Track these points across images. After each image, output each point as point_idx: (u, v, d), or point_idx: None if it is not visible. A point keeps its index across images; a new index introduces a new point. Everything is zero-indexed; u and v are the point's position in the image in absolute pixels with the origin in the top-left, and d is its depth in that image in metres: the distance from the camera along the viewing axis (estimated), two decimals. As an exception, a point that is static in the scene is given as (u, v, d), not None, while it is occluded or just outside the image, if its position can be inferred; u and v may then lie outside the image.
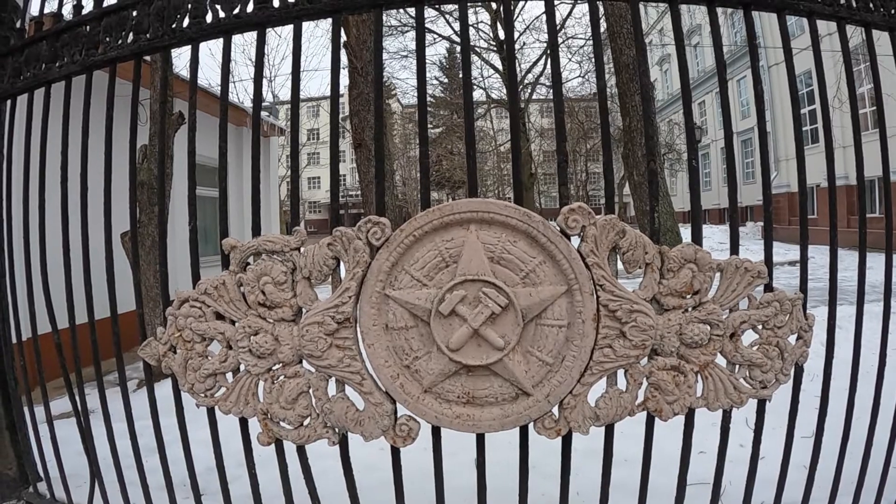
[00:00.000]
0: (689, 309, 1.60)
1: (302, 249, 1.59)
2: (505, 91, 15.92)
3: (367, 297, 1.52)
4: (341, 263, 1.56)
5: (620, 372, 1.60)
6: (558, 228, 1.51)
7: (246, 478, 1.77)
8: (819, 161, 1.74)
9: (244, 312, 1.64)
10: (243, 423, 1.74)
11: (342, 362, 1.56)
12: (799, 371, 1.75)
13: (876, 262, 2.41)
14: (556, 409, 1.57)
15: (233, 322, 1.66)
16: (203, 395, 1.71)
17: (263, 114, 8.77)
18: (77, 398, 2.08)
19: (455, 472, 2.22)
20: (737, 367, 1.67)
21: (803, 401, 1.76)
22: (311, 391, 1.62)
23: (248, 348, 1.63)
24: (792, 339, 1.70)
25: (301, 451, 1.69)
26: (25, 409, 2.31)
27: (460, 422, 1.55)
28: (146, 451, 2.03)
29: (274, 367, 1.64)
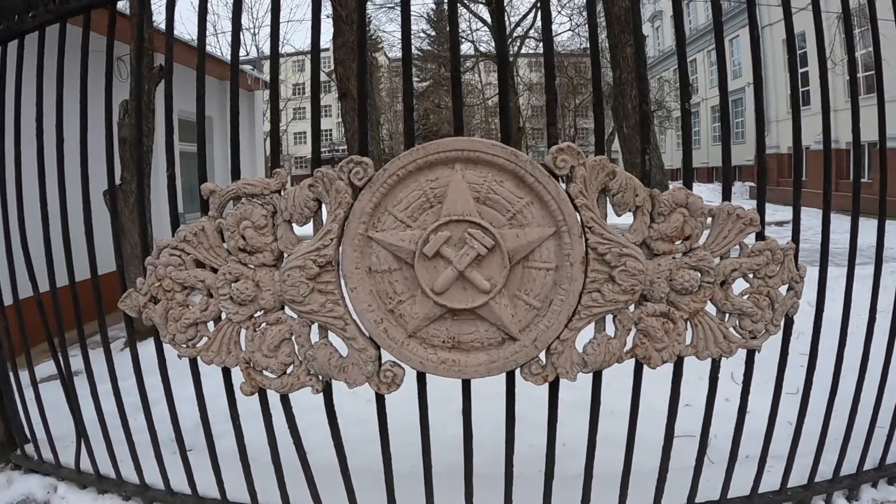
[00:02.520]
0: (680, 255, 1.53)
1: (283, 192, 1.50)
2: (493, 45, 15.41)
3: (349, 239, 1.44)
4: (323, 206, 1.47)
5: (609, 318, 1.53)
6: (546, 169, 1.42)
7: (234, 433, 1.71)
8: (810, 123, 1.65)
9: (224, 259, 1.56)
10: (226, 373, 1.67)
11: (324, 307, 1.48)
12: (789, 323, 1.69)
13: (864, 226, 2.34)
14: (542, 355, 1.50)
15: (213, 269, 1.57)
16: (185, 345, 1.63)
17: (247, 67, 8.36)
18: (60, 358, 2.00)
19: (441, 424, 2.16)
20: (727, 315, 1.60)
21: (789, 358, 1.70)
22: (293, 338, 1.54)
23: (228, 296, 1.55)
24: (783, 289, 1.63)
25: (285, 401, 1.62)
26: (11, 374, 2.23)
27: (446, 367, 1.48)
28: (134, 410, 1.96)
29: (256, 315, 1.56)
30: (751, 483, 1.84)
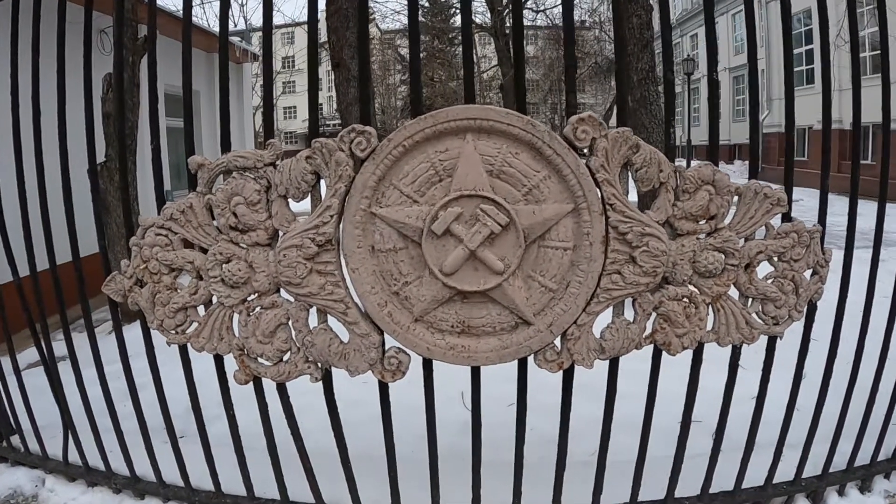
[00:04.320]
0: (704, 235, 1.40)
1: (277, 165, 1.34)
2: (489, 16, 14.74)
3: (350, 215, 1.29)
4: (321, 179, 1.32)
5: (627, 302, 1.40)
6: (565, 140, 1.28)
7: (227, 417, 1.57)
8: (813, 102, 1.51)
9: (214, 238, 1.41)
10: (218, 360, 1.52)
11: (324, 290, 1.34)
12: (812, 309, 1.57)
13: (865, 209, 2.22)
14: (558, 341, 1.37)
15: (203, 250, 1.42)
16: (173, 331, 1.48)
17: (235, 39, 7.93)
18: (43, 344, 1.85)
19: (442, 405, 2.05)
20: (750, 300, 1.48)
21: (793, 342, 1.58)
22: (290, 323, 1.40)
23: (219, 278, 1.40)
24: (807, 274, 1.51)
25: (281, 390, 1.48)
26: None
27: (454, 354, 1.35)
28: (123, 396, 1.82)
29: (249, 298, 1.42)
30: (764, 473, 1.74)
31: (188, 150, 1.43)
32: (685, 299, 1.40)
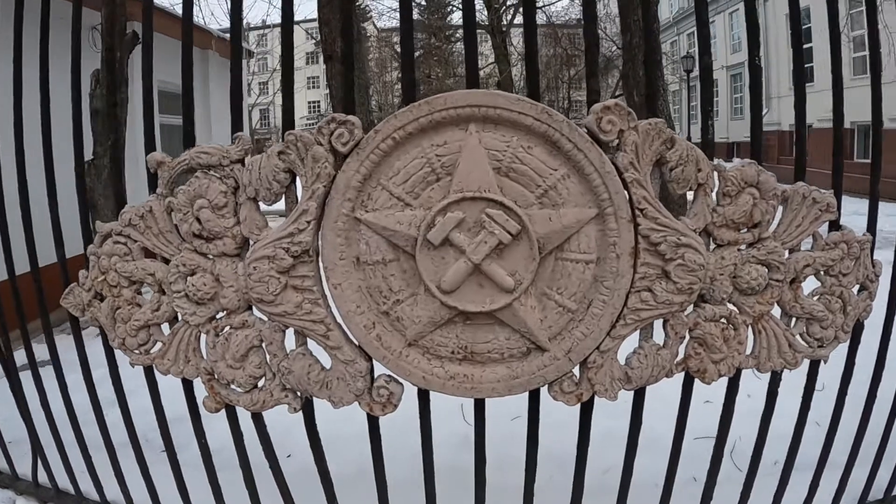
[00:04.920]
0: (745, 246, 1.09)
1: (246, 162, 1.04)
2: (486, 13, 13.67)
3: (330, 221, 0.99)
4: (298, 179, 1.02)
5: (657, 323, 1.09)
6: (587, 132, 0.97)
7: (211, 431, 1.26)
8: (811, 100, 1.17)
9: (177, 247, 1.10)
10: (187, 383, 1.22)
11: (301, 308, 1.03)
12: (859, 329, 1.25)
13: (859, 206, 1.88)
14: (576, 369, 1.06)
15: (166, 260, 1.12)
16: (137, 351, 1.18)
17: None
18: (29, 350, 1.54)
19: (440, 419, 1.72)
20: (793, 320, 1.17)
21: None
22: (263, 346, 1.09)
23: (183, 292, 1.10)
24: (855, 289, 1.20)
25: (258, 420, 1.18)
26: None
27: (455, 384, 1.04)
28: (106, 406, 1.51)
29: (218, 316, 1.12)
30: (801, 501, 1.42)
31: (147, 147, 1.12)
32: (723, 320, 1.09)
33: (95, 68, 2.52)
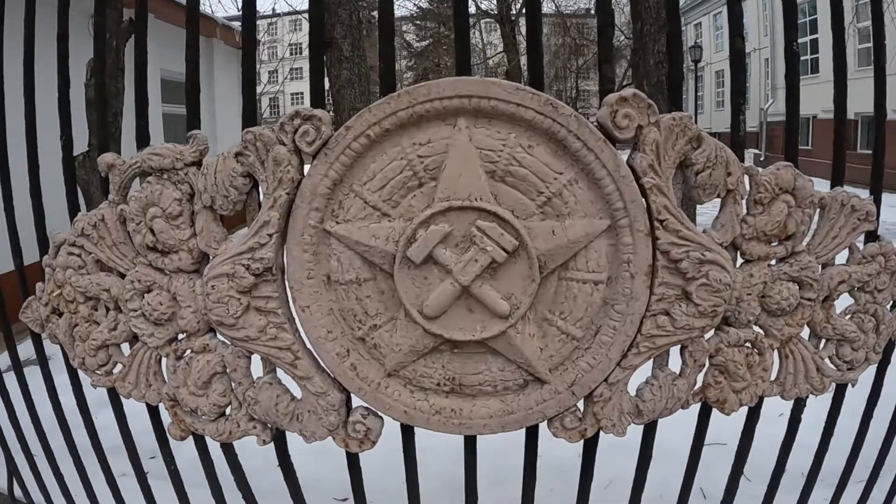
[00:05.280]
0: (774, 261, 0.86)
1: (203, 164, 0.82)
2: (495, 2, 12.43)
3: (296, 234, 0.77)
4: (259, 185, 0.79)
5: (674, 349, 0.86)
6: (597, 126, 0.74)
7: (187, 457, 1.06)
8: (817, 91, 0.90)
9: (132, 261, 0.89)
10: (152, 407, 1.01)
11: (265, 333, 0.82)
12: (890, 348, 1.02)
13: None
14: (581, 402, 0.85)
15: (122, 275, 0.91)
16: (98, 372, 0.97)
17: (236, 24, 6.55)
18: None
19: (427, 436, 1.52)
20: (822, 342, 0.94)
21: None
22: (228, 372, 0.88)
23: (140, 311, 0.89)
24: (888, 306, 0.97)
25: (227, 450, 0.97)
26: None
27: (441, 419, 0.82)
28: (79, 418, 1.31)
29: (180, 338, 0.90)
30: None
31: (101, 146, 0.90)
32: (748, 345, 0.87)
33: (90, 58, 2.28)
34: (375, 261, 0.76)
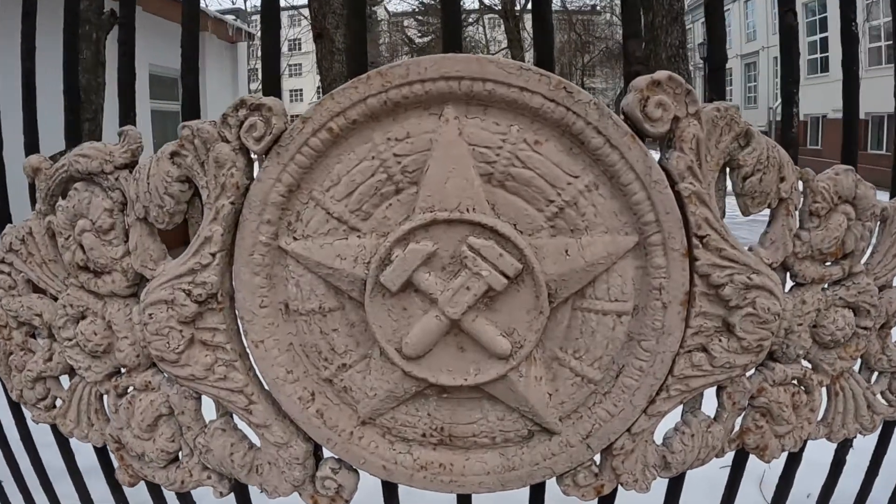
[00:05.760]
0: (828, 285, 0.63)
1: (138, 166, 0.59)
2: None
3: (244, 253, 0.54)
4: (200, 191, 0.57)
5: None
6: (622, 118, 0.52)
7: None
8: (827, 90, 0.64)
9: (63, 281, 0.66)
10: (99, 448, 0.78)
11: (212, 372, 0.59)
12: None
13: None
14: (598, 455, 0.62)
15: (55, 297, 0.68)
16: (37, 406, 0.74)
17: (229, 17, 5.86)
18: None
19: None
20: (874, 375, 0.71)
21: None
22: (176, 415, 0.65)
23: (74, 341, 0.66)
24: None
25: (184, 498, 0.74)
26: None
27: (428, 476, 0.59)
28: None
29: (123, 371, 0.68)
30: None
31: (28, 146, 0.68)
32: (794, 382, 0.63)
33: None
34: (342, 287, 0.53)
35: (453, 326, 0.51)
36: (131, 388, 0.67)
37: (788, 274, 0.61)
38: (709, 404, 0.65)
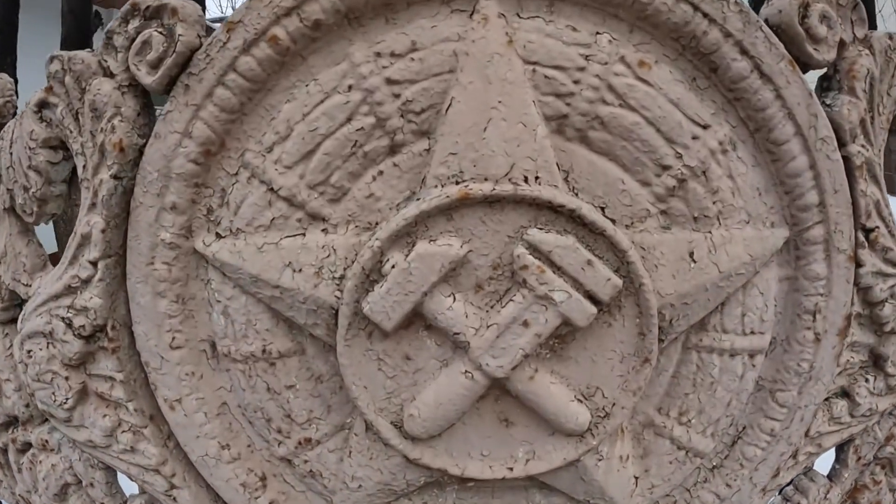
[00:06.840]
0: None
1: (5, 128, 0.29)
2: None
3: (140, 260, 0.24)
4: (76, 161, 0.27)
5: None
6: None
7: None
8: None
9: (-66, 298, 0.35)
10: None
11: (115, 440, 0.28)
12: None
13: None
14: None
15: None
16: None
17: (215, 26, 4.95)
18: None
19: None
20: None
21: None
22: (84, 486, 0.34)
23: (-49, 380, 0.34)
24: None
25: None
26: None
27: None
28: None
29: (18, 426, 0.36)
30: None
31: None
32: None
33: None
34: (297, 319, 0.23)
35: (494, 387, 0.22)
36: (32, 448, 0.36)
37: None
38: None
